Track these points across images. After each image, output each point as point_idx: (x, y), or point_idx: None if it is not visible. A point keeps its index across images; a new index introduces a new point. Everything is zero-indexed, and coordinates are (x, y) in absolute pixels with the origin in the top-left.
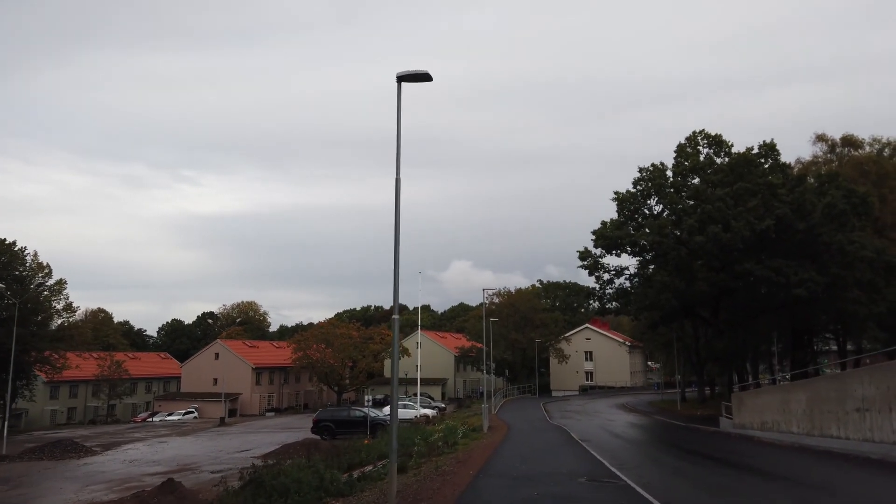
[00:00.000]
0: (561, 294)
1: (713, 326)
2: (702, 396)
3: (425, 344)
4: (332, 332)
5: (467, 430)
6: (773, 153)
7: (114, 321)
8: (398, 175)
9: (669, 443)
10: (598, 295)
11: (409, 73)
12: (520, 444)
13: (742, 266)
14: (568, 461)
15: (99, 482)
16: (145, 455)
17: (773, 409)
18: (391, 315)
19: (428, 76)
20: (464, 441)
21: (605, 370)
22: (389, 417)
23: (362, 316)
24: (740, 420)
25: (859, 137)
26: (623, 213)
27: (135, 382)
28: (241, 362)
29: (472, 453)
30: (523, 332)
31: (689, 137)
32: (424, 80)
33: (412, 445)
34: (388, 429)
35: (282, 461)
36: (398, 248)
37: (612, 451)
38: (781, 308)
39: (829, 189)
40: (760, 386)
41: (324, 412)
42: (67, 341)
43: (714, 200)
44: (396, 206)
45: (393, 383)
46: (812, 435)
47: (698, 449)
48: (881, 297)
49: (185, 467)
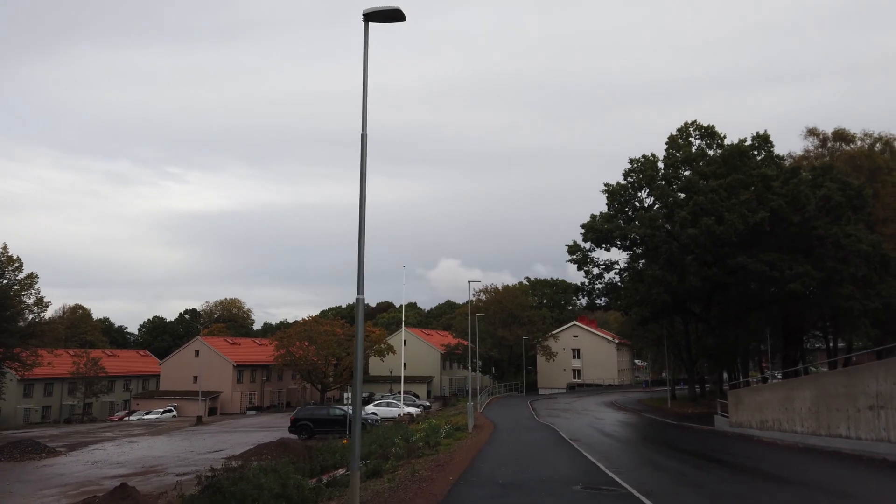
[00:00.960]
0: (548, 291)
1: (704, 322)
2: (692, 394)
3: (411, 341)
4: (316, 329)
5: (451, 430)
6: (766, 145)
7: (93, 318)
8: (364, 131)
9: (664, 443)
10: (588, 290)
11: (377, 9)
12: (506, 444)
13: (735, 260)
14: (559, 464)
15: (55, 486)
16: (111, 456)
17: (774, 407)
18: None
19: (399, 14)
20: (447, 441)
21: (592, 368)
22: (371, 416)
23: (348, 313)
24: (737, 418)
25: (851, 132)
26: (613, 206)
27: (112, 380)
28: (221, 360)
29: (454, 455)
30: (510, 330)
31: (680, 129)
32: (395, 19)
33: (391, 446)
34: (367, 430)
35: (249, 464)
36: (363, 217)
37: (606, 453)
38: (774, 304)
39: (824, 182)
40: (750, 384)
41: (302, 410)
42: (39, 337)
43: (707, 192)
44: (362, 167)
45: (356, 378)
46: (818, 434)
47: (697, 450)
48: (875, 292)
49: (150, 469)
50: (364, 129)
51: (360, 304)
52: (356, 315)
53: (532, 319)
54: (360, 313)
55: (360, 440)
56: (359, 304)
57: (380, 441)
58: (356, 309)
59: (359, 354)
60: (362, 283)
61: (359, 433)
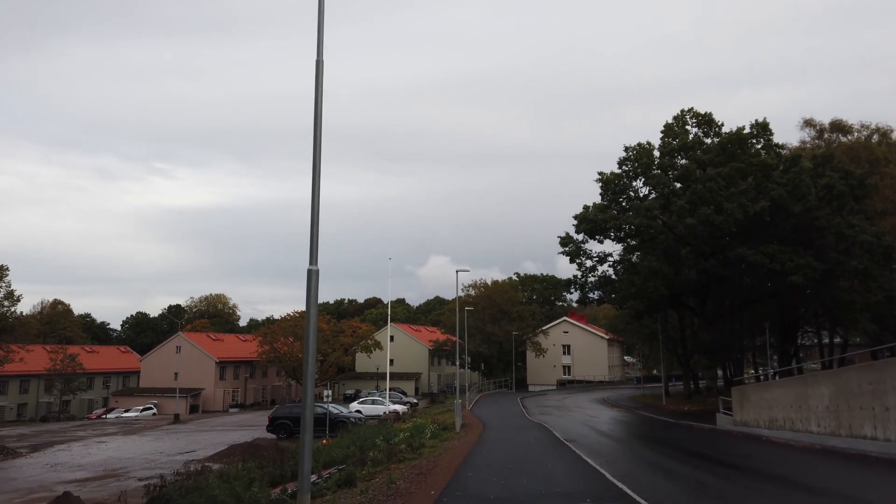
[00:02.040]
0: (538, 287)
1: (701, 317)
2: (688, 391)
3: (398, 337)
4: (301, 325)
5: (437, 430)
6: (765, 133)
7: (73, 314)
8: (320, 56)
9: (668, 444)
10: (580, 283)
11: None
12: (497, 446)
13: (734, 251)
14: (558, 471)
15: (2, 492)
16: (74, 458)
17: (785, 405)
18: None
19: None
20: (432, 443)
21: (583, 364)
22: (355, 414)
23: (335, 309)
24: (742, 417)
25: (848, 123)
26: (607, 196)
27: (91, 377)
28: (203, 356)
29: (438, 460)
30: (500, 325)
31: (676, 116)
32: None
33: (371, 448)
34: (349, 430)
35: (208, 470)
36: (318, 174)
37: (607, 456)
38: (773, 298)
39: (825, 171)
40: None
41: (280, 409)
42: (10, 333)
43: (705, 181)
44: (317, 94)
45: (306, 371)
46: (838, 435)
47: (706, 452)
48: (877, 285)
49: (111, 473)
50: (319, 53)
51: (312, 276)
52: (308, 291)
53: (522, 315)
54: (314, 288)
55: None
56: (311, 276)
57: (359, 442)
58: (308, 283)
59: (310, 337)
60: (316, 252)
61: (309, 445)
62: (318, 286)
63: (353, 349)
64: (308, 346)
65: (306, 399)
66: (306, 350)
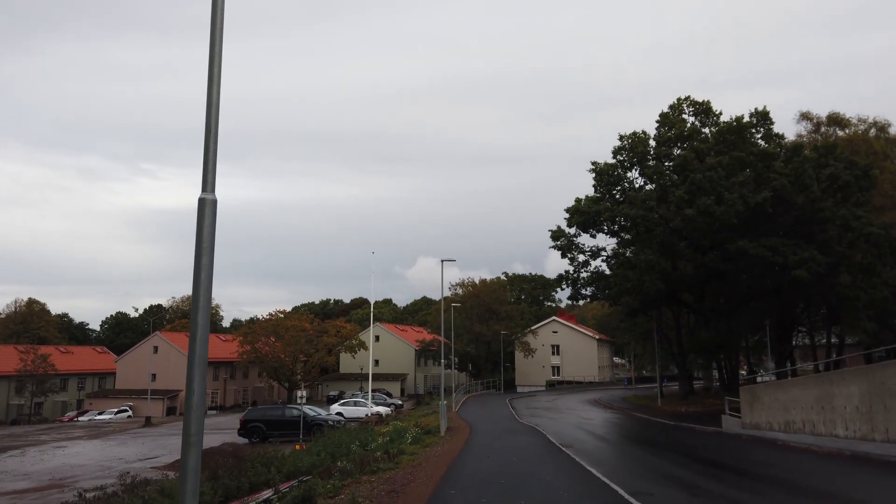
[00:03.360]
0: (527, 287)
1: (698, 314)
2: (684, 391)
3: (384, 337)
4: (283, 325)
5: (419, 434)
6: (765, 122)
7: (50, 314)
8: None
9: (675, 449)
10: (572, 278)
11: None
12: (485, 454)
13: (735, 245)
14: (559, 485)
15: None
16: (24, 465)
17: (804, 406)
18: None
19: None
20: (412, 449)
21: (572, 365)
22: (334, 416)
23: (321, 310)
24: (753, 419)
25: (846, 116)
26: (601, 187)
27: (65, 378)
28: (182, 356)
29: (417, 471)
30: (488, 325)
31: (672, 105)
32: None
33: (345, 455)
34: (324, 434)
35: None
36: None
37: (611, 464)
38: (773, 294)
39: (828, 161)
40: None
41: (252, 411)
42: None
43: (705, 170)
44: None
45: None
46: (870, 440)
47: (724, 460)
48: (881, 280)
49: (56, 483)
50: None
51: (206, 208)
52: (199, 226)
53: (510, 314)
54: (208, 225)
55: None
56: (204, 207)
57: (332, 448)
58: (200, 216)
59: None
60: (212, 176)
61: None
62: (214, 221)
63: (337, 349)
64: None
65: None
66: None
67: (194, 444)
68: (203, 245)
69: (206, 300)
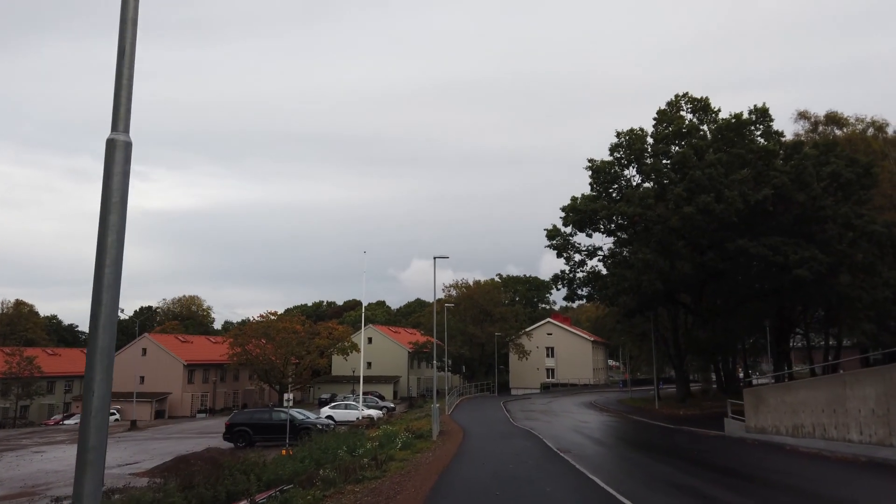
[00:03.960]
0: (521, 289)
1: (695, 315)
2: (681, 394)
3: (377, 339)
4: (274, 326)
5: (410, 438)
6: (765, 119)
7: (39, 315)
8: None
9: (680, 455)
10: (568, 278)
11: None
12: (479, 460)
13: (734, 244)
14: (560, 498)
15: None
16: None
17: (815, 409)
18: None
19: None
20: (402, 455)
21: (567, 367)
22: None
23: (314, 312)
24: (758, 422)
25: (844, 115)
26: (598, 185)
27: (52, 381)
28: (171, 358)
29: (406, 481)
30: (482, 327)
31: (670, 102)
32: None
33: (331, 461)
34: (311, 438)
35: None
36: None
37: (613, 472)
38: (772, 294)
39: (829, 158)
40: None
41: (239, 414)
42: None
43: (704, 167)
44: None
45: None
46: (888, 445)
47: (734, 467)
48: (883, 281)
49: (28, 490)
50: None
51: (117, 150)
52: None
53: (505, 316)
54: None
55: (304, 449)
56: (114, 150)
57: (318, 454)
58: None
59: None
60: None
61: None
62: (127, 170)
63: (329, 352)
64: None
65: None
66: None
67: (92, 464)
68: (111, 200)
69: (114, 273)
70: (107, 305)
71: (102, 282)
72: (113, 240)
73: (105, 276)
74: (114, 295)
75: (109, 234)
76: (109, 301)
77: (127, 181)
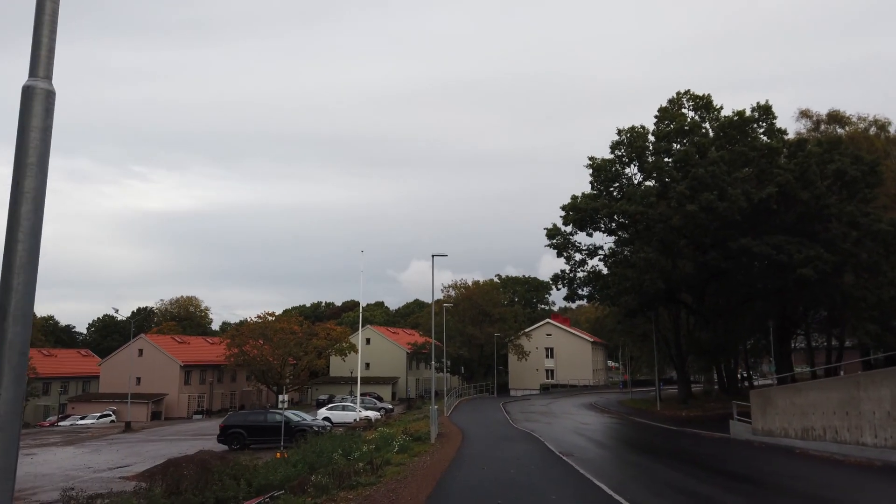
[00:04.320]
0: (520, 289)
1: (698, 315)
2: (683, 395)
3: (375, 340)
4: (272, 327)
5: (408, 441)
6: (768, 116)
7: (35, 316)
8: None
9: (687, 459)
10: (568, 278)
11: None
12: (479, 465)
13: (737, 243)
14: None
15: None
16: None
17: (826, 412)
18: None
19: None
20: (399, 458)
21: (566, 368)
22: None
23: (312, 313)
24: (765, 425)
25: (846, 114)
26: (598, 184)
27: (47, 382)
28: (167, 359)
29: (402, 487)
30: (481, 328)
31: (672, 99)
32: None
33: (326, 464)
34: (306, 440)
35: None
36: None
37: (619, 478)
38: (776, 294)
39: (834, 156)
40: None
41: (233, 416)
42: None
43: (707, 165)
44: None
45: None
46: None
47: (747, 473)
48: (887, 280)
49: (15, 493)
50: None
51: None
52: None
53: (504, 317)
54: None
55: (298, 452)
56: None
57: (312, 457)
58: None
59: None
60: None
61: None
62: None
63: (327, 352)
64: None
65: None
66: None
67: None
68: (27, 160)
69: (28, 250)
70: (18, 290)
71: (13, 261)
72: (28, 209)
73: (17, 254)
74: (28, 277)
75: (24, 201)
76: (23, 284)
77: (48, 138)
